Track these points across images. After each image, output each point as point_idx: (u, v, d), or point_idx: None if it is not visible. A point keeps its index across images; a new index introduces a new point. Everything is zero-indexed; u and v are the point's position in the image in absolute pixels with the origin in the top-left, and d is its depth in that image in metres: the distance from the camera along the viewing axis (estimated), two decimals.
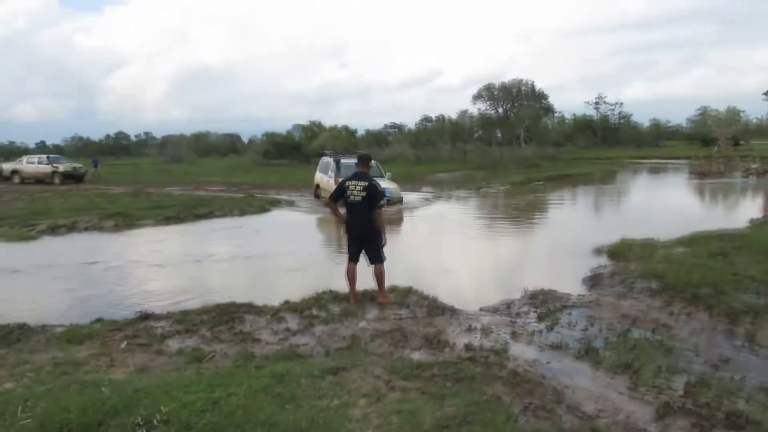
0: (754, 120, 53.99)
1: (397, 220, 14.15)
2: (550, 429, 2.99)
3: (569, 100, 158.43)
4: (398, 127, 66.24)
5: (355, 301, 5.97)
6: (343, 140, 50.61)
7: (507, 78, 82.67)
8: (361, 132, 59.99)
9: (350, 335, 4.86)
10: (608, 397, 3.64)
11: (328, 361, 4.15)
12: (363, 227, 5.97)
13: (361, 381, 3.68)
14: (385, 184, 15.01)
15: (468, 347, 4.50)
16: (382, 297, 6.02)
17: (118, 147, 78.27)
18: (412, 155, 43.52)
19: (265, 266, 9.00)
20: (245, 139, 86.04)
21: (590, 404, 3.50)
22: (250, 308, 5.85)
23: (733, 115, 51.14)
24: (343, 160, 16.32)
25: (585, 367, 4.21)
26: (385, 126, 68.50)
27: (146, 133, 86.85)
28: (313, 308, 5.77)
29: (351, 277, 6.08)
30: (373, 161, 16.13)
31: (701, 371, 4.17)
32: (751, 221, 12.02)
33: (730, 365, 4.36)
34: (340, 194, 6.10)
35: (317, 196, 17.81)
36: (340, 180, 11.79)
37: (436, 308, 5.78)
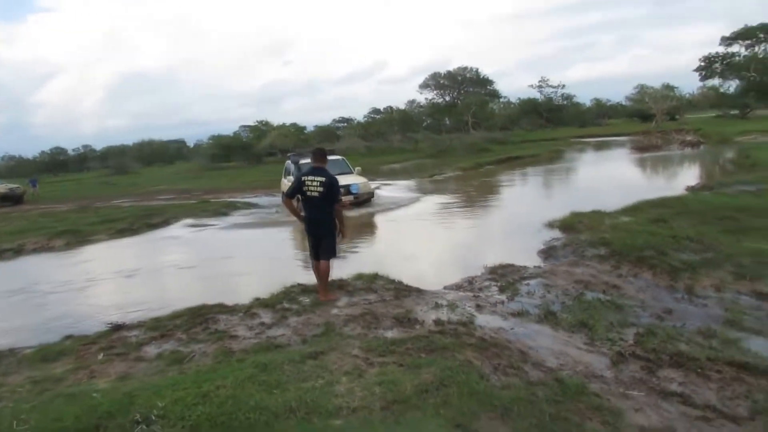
0: (687, 95, 56.85)
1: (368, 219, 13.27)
2: (519, 383, 3.29)
3: (513, 85, 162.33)
4: (347, 121, 66.32)
5: (328, 298, 5.86)
6: (292, 137, 50.30)
7: (452, 66, 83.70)
8: (310, 128, 59.78)
9: (324, 323, 5.05)
10: (568, 353, 3.98)
11: (307, 347, 4.33)
12: (321, 223, 5.91)
13: (340, 361, 3.89)
14: (353, 179, 14.87)
15: (437, 322, 4.77)
16: (323, 294, 5.89)
17: (55, 163, 74.95)
18: (363, 148, 43.72)
19: (230, 269, 9.05)
20: (191, 144, 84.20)
21: (553, 359, 3.83)
22: (221, 308, 5.93)
23: (667, 91, 53.73)
24: (302, 161, 15.15)
25: (545, 329, 4.55)
26: (335, 120, 68.49)
27: (85, 146, 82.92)
28: (284, 302, 5.90)
29: (317, 272, 6.02)
30: (339, 156, 14.82)
31: (648, 323, 4.59)
32: (687, 188, 12.86)
33: (672, 315, 4.80)
34: (296, 191, 5.96)
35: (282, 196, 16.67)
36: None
37: (402, 291, 6.04)
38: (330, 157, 14.01)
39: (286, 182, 15.43)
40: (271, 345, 4.61)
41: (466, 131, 50.31)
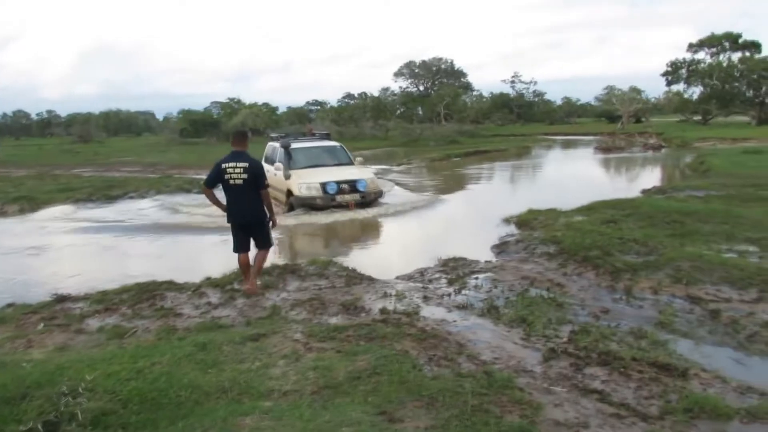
0: (653, 99, 58.24)
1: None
2: (449, 374, 3.39)
3: (485, 79, 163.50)
4: (321, 104, 65.70)
5: (252, 290, 5.52)
6: (264, 117, 49.60)
7: (428, 55, 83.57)
8: (282, 109, 59.05)
9: (271, 306, 5.08)
10: (504, 347, 4.11)
11: (250, 329, 4.36)
12: (249, 213, 5.53)
13: (280, 345, 3.94)
14: (358, 172, 11.71)
15: (382, 311, 4.85)
16: (250, 285, 5.53)
17: (17, 127, 72.22)
18: (335, 132, 43.39)
19: (188, 244, 8.95)
20: (160, 116, 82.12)
21: (488, 353, 3.95)
22: (171, 285, 5.90)
23: (634, 94, 54.96)
24: (294, 145, 12.11)
25: (486, 323, 4.67)
26: (308, 103, 67.74)
27: (49, 112, 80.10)
28: (235, 283, 5.90)
29: (245, 267, 5.67)
30: (336, 143, 13.26)
31: (584, 321, 4.76)
32: (642, 191, 13.25)
33: (609, 315, 4.99)
34: (215, 179, 5.47)
35: None
36: (291, 174, 11.28)
37: (354, 278, 6.10)
38: (326, 143, 13.05)
39: (274, 172, 11.42)
40: (214, 325, 4.63)
41: (438, 122, 50.47)
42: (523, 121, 62.38)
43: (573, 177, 19.12)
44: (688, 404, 3.02)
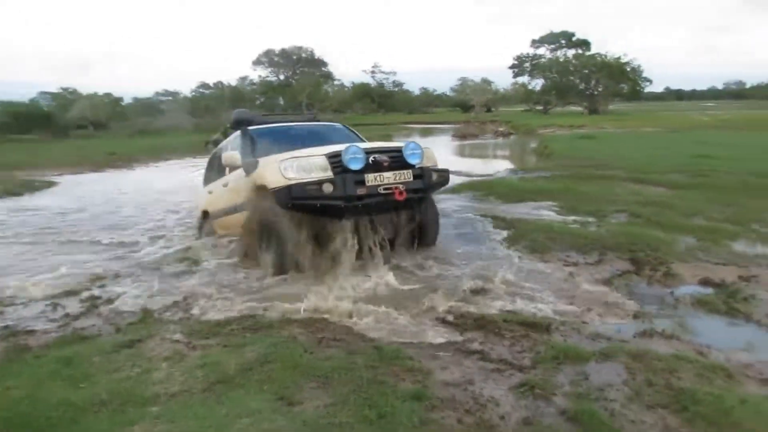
0: (502, 90, 63.35)
1: None
2: (340, 353, 3.45)
3: (348, 68, 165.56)
4: (173, 95, 61.53)
5: None
6: (107, 109, 45.44)
7: (288, 44, 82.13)
8: (128, 100, 54.37)
9: (141, 309, 4.72)
10: (390, 323, 4.25)
11: (121, 336, 4.03)
12: None
13: (159, 348, 3.70)
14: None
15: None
16: None
17: None
18: (191, 124, 41.11)
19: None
20: None
21: (373, 332, 4.06)
22: (13, 299, 5.21)
23: (485, 85, 59.60)
24: (260, 126, 6.77)
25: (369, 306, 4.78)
26: (157, 93, 62.98)
27: None
28: (93, 289, 5.39)
29: None
30: (336, 123, 7.72)
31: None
32: (494, 173, 14.43)
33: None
34: None
35: (201, 228, 7.45)
36: (259, 162, 5.38)
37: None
38: (315, 123, 7.62)
39: (211, 190, 7.13)
40: (77, 337, 4.18)
41: (301, 112, 50.02)
42: (384, 111, 64.18)
43: None
44: (554, 353, 3.39)
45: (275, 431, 2.54)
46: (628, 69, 51.79)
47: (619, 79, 51.64)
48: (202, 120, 42.84)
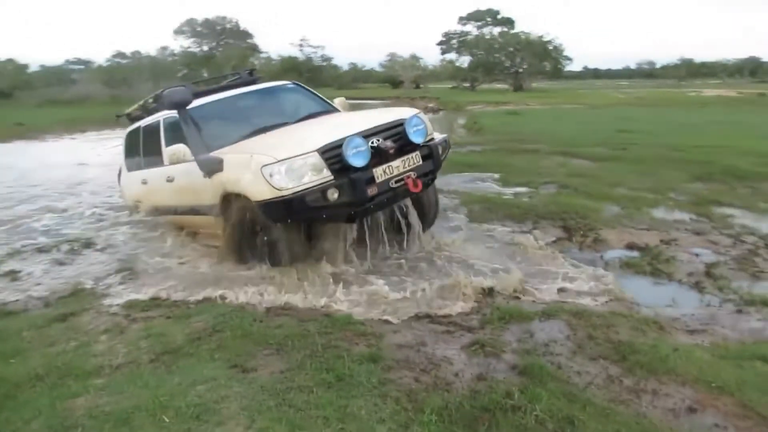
0: (431, 66, 63.82)
1: None
2: (292, 321, 3.41)
3: (274, 41, 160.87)
4: (86, 64, 57.24)
5: None
6: (10, 76, 41.76)
7: (210, 14, 78.45)
8: (35, 68, 50.13)
9: (73, 283, 4.44)
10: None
11: (52, 310, 3.78)
12: None
13: (96, 321, 3.52)
14: (378, 115, 5.59)
15: None
16: None
17: None
18: (107, 96, 38.54)
19: None
20: None
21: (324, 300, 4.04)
22: None
23: (414, 61, 59.79)
24: (198, 102, 5.32)
25: None
26: (68, 62, 58.34)
27: None
28: (12, 261, 5.01)
29: None
30: (287, 82, 6.77)
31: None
32: None
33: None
34: None
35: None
36: (223, 161, 4.42)
37: None
38: (264, 86, 6.43)
39: (143, 179, 5.96)
40: (1, 312, 3.89)
41: (237, 74, 48.15)
42: (313, 86, 62.90)
43: None
44: (500, 314, 3.52)
45: (233, 397, 2.49)
46: (551, 48, 53.73)
47: (542, 57, 53.50)
48: (119, 91, 40.30)
